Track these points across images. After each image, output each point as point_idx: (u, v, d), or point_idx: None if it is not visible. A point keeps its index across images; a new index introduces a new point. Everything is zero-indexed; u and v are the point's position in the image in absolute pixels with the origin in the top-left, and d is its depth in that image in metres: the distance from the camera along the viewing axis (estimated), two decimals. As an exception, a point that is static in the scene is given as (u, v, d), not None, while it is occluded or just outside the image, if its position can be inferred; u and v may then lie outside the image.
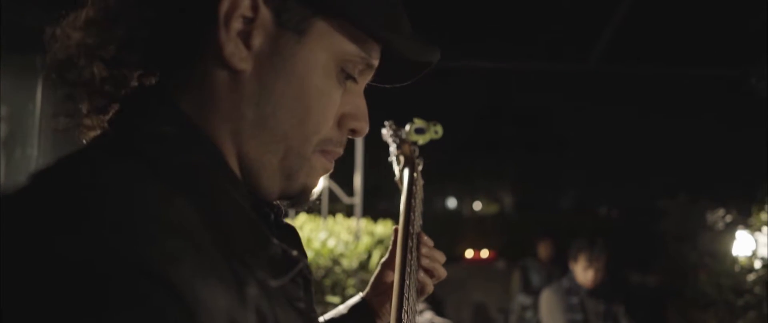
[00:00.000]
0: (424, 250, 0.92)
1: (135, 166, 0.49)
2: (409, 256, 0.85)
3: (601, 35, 4.13)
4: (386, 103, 1.16)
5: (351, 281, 3.67)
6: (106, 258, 0.38)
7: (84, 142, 0.60)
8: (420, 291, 0.92)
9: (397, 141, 1.16)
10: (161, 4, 0.57)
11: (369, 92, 0.67)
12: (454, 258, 10.00)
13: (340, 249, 3.79)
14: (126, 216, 0.42)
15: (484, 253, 10.23)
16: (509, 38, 4.61)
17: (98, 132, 0.59)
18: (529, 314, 4.97)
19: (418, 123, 1.18)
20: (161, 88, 0.59)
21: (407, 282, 0.81)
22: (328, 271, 3.64)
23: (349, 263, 3.73)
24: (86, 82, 0.58)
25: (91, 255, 0.38)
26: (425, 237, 0.94)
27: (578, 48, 4.58)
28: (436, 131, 1.18)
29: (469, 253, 10.27)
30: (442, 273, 0.94)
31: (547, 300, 3.44)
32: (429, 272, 0.92)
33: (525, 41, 4.68)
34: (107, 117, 0.59)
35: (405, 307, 0.76)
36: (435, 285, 0.93)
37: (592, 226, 10.27)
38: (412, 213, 0.95)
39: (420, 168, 1.12)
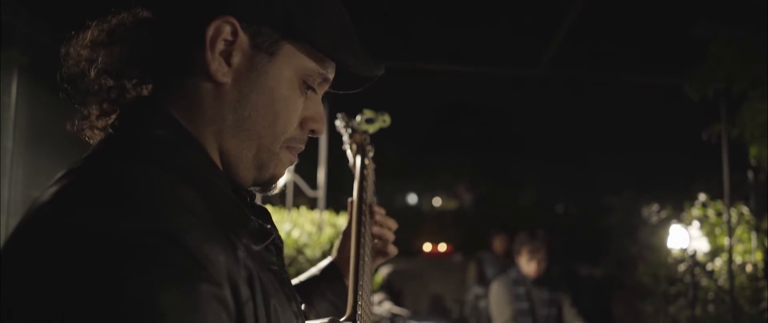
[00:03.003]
0: (377, 218, 1.11)
1: (147, 164, 0.62)
2: (362, 230, 1.02)
3: (551, 42, 4.39)
4: (354, 104, 1.29)
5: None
6: (144, 232, 0.52)
7: (91, 141, 0.74)
8: (381, 252, 1.12)
9: (350, 130, 1.25)
10: (156, 28, 0.71)
11: (342, 98, 0.84)
12: (413, 252, 10.17)
13: (303, 239, 3.92)
14: (153, 201, 0.56)
15: (442, 247, 10.46)
16: (470, 42, 4.83)
17: (103, 133, 0.71)
18: (482, 303, 5.19)
19: (368, 113, 1.26)
20: (155, 97, 0.72)
21: (362, 251, 0.97)
22: (293, 261, 3.78)
23: (313, 253, 3.89)
24: (96, 91, 0.72)
25: (133, 229, 0.52)
26: (376, 208, 1.12)
27: (532, 53, 4.84)
28: (384, 120, 1.26)
29: (428, 247, 10.49)
30: (390, 236, 1.13)
31: (495, 291, 3.58)
32: (381, 239, 1.12)
33: (485, 45, 4.90)
34: (109, 121, 0.72)
35: (361, 272, 0.93)
36: (396, 277, 1.12)
37: (549, 223, 10.55)
38: (364, 194, 1.10)
39: (371, 154, 1.23)
